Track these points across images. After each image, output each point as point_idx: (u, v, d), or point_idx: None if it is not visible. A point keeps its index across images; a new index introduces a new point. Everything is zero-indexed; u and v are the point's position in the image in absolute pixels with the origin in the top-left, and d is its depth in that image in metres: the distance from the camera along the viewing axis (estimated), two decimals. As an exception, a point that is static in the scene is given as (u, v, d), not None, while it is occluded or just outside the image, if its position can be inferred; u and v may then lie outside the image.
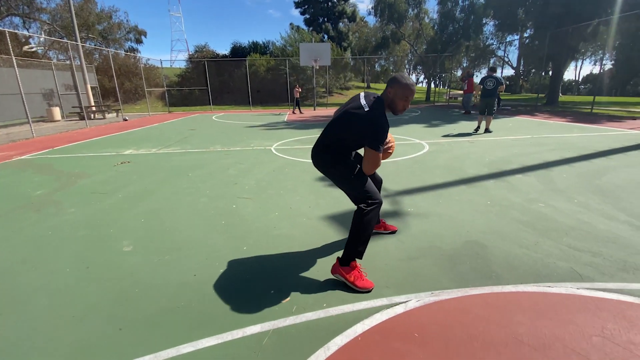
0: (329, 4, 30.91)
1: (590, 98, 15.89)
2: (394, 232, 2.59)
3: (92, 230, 2.80)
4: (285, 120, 12.65)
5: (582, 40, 16.88)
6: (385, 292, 1.87)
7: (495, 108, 7.91)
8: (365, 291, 1.88)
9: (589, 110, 12.97)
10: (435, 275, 2.02)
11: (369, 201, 1.94)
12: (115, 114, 15.84)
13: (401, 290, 1.88)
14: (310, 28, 30.32)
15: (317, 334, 1.57)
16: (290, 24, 31.43)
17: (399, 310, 1.72)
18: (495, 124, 9.71)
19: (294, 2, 31.92)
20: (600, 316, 1.60)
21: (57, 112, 14.10)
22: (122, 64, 21.93)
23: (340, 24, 31.72)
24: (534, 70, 31.28)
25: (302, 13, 32.08)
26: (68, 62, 14.97)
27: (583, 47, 20.96)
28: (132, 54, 25.37)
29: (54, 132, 9.85)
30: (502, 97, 18.11)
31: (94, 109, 14.63)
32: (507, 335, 1.50)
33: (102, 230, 2.80)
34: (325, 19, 31.12)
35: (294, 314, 1.71)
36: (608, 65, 29.05)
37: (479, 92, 8.22)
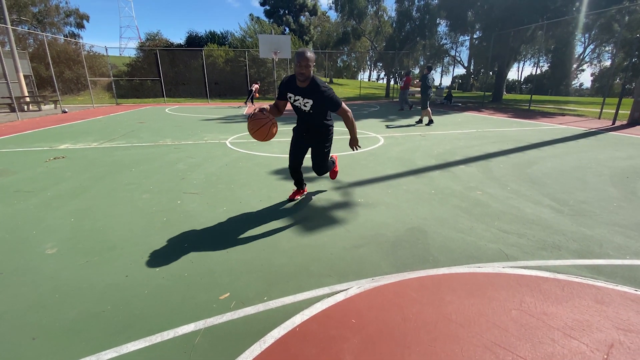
0: (290, -4, 30.53)
1: (528, 96, 17.45)
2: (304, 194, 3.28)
3: (10, 232, 2.50)
4: (244, 113, 12.31)
5: (522, 43, 18.34)
6: (327, 280, 1.88)
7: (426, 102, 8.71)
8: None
9: (527, 108, 14.18)
10: (377, 261, 2.06)
11: None
12: (53, 106, 14.34)
13: (343, 278, 1.89)
14: (271, 20, 29.77)
15: (254, 328, 1.53)
16: (250, 14, 30.56)
17: (339, 298, 1.73)
18: (446, 118, 10.25)
19: (254, -7, 31.08)
20: (520, 291, 1.73)
21: (-20, 103, 12.44)
22: (61, 50, 19.88)
23: (302, 17, 31.49)
24: (482, 70, 33.48)
25: (262, 4, 31.37)
26: (-7, 46, 13.30)
27: (524, 49, 22.78)
28: (72, 39, 23.08)
29: (-25, 125, 8.68)
30: (454, 95, 19.17)
31: (27, 99, 13.13)
32: (438, 315, 1.57)
33: (23, 231, 2.50)
34: (286, 11, 30.72)
35: (232, 310, 1.65)
36: (545, 67, 31.98)
37: (418, 88, 8.80)
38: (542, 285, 1.79)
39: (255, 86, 15.27)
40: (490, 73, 27.25)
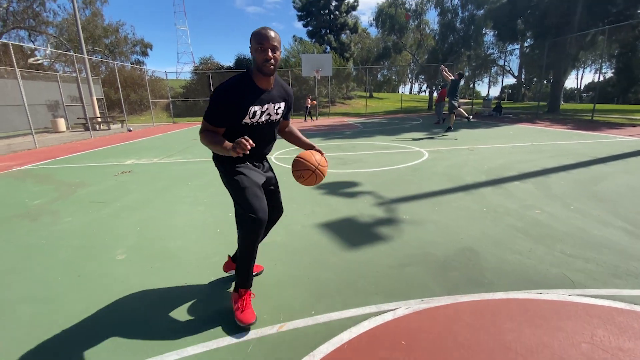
0: (331, 16, 31.49)
1: (591, 106, 15.97)
2: (258, 273, 2.15)
3: (86, 239, 2.82)
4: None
5: (580, 49, 16.98)
6: (374, 299, 1.86)
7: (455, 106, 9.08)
8: (242, 325, 1.63)
9: (590, 118, 12.96)
10: (426, 282, 2.00)
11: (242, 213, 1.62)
12: (120, 125, 16.08)
13: (390, 298, 1.86)
14: (313, 40, 30.82)
15: (303, 341, 1.55)
16: (294, 36, 32.01)
17: (387, 317, 1.70)
18: (496, 131, 9.74)
19: (297, 15, 32.57)
20: (590, 323, 1.57)
21: (62, 123, 14.35)
22: (128, 76, 22.35)
23: (343, 35, 32.22)
24: (535, 79, 31.40)
25: (304, 25, 32.69)
26: (74, 74, 15.41)
27: (583, 55, 21.07)
28: (137, 66, 25.88)
29: (58, 143, 10.01)
30: (503, 106, 18.16)
31: (99, 120, 14.87)
32: (495, 343, 1.48)
33: (97, 239, 2.81)
34: (328, 31, 31.65)
35: (282, 322, 1.70)
36: (608, 73, 29.15)
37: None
38: (616, 318, 1.61)
39: (309, 101, 16.27)
40: (545, 82, 25.49)
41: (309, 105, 16.62)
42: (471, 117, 9.27)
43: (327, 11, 31.36)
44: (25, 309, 1.87)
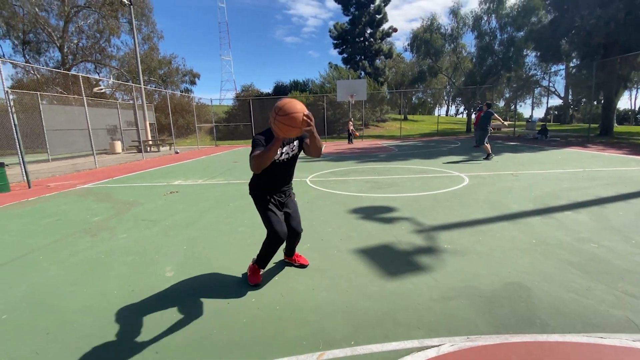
0: (366, 43, 32.31)
1: (653, 128, 14.58)
2: (304, 266, 2.69)
3: (139, 255, 3.04)
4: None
5: (632, 70, 15.83)
6: (416, 333, 1.80)
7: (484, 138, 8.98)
8: (249, 282, 2.41)
9: (652, 142, 11.83)
10: (471, 318, 1.91)
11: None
12: (168, 147, 17.36)
13: (434, 333, 1.80)
14: (348, 66, 31.64)
15: (343, 372, 1.54)
16: (329, 62, 33.08)
17: (430, 354, 1.64)
18: (543, 156, 9.21)
19: (332, 43, 33.79)
20: (666, 378, 1.40)
21: (118, 145, 15.81)
22: (177, 102, 24.33)
23: (377, 60, 32.77)
24: (584, 100, 29.53)
25: (340, 52, 33.72)
26: (132, 102, 17.13)
27: (635, 76, 19.56)
28: (186, 94, 28.13)
29: (114, 164, 11.00)
30: (549, 128, 17.19)
31: (150, 142, 16.20)
32: (553, 391, 1.36)
33: (149, 255, 3.02)
34: (362, 57, 32.37)
35: (321, 350, 1.70)
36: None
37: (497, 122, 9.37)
38: (700, 374, 1.42)
39: (351, 126, 16.81)
40: (595, 102, 23.85)
41: (351, 130, 17.10)
42: (492, 155, 8.93)
43: (362, 39, 32.24)
44: (86, 319, 2.05)
